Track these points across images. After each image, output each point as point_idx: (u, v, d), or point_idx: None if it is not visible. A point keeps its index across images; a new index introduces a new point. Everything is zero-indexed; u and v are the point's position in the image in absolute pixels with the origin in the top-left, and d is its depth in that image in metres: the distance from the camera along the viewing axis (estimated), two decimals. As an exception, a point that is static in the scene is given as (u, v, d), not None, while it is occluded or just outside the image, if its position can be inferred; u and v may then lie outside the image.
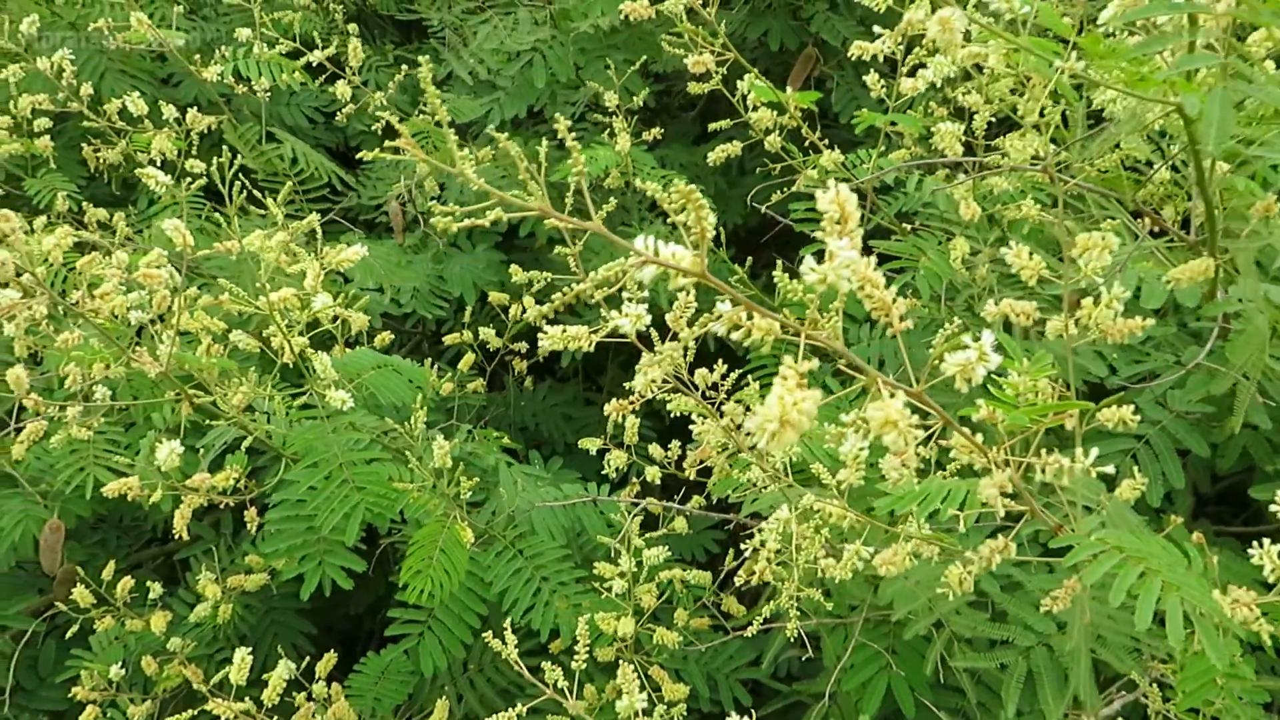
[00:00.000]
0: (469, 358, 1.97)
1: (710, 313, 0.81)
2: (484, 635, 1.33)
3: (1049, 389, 0.97)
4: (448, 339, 2.09)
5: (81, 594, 1.76)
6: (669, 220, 2.13)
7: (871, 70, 1.57)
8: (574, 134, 2.57)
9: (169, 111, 1.94)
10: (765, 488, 1.42)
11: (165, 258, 1.49)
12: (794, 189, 1.73)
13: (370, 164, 2.64)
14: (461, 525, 1.46)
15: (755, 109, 1.66)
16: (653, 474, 1.67)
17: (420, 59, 2.68)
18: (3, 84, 2.41)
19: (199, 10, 2.56)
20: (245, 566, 1.93)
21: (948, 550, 1.24)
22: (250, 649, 1.77)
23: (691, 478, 1.61)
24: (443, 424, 1.99)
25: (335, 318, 1.62)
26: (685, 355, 1.30)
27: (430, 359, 2.58)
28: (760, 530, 1.24)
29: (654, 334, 1.26)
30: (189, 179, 1.89)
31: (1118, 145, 1.42)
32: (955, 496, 0.98)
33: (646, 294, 1.24)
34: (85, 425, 1.60)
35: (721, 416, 1.33)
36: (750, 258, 2.17)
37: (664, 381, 1.38)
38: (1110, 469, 0.88)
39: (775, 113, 1.64)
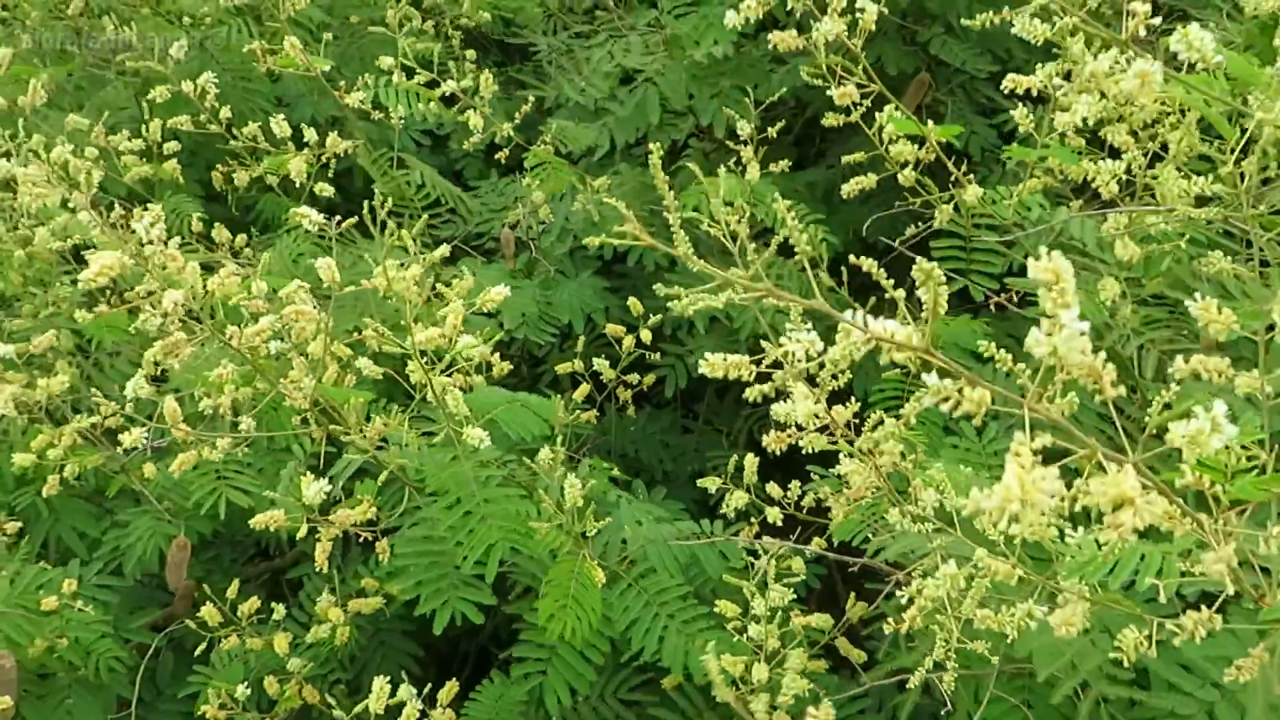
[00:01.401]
0: (584, 388, 1.98)
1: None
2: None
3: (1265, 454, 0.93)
4: (560, 368, 2.10)
5: (209, 612, 1.79)
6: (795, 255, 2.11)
7: (1020, 104, 1.54)
8: (679, 163, 2.53)
9: (309, 134, 1.98)
10: (905, 532, 1.39)
11: (305, 289, 1.52)
12: (935, 225, 1.70)
13: (476, 188, 2.67)
14: (592, 564, 1.46)
15: (895, 141, 1.63)
16: (774, 515, 1.65)
17: (535, 83, 2.68)
18: (131, 103, 2.49)
19: (317, 25, 2.62)
20: (357, 588, 1.95)
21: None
22: (362, 670, 1.79)
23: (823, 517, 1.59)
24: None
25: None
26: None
27: (528, 384, 2.60)
28: (916, 578, 1.22)
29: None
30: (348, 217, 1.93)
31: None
32: (1151, 563, 0.94)
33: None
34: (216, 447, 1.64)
35: (871, 456, 1.30)
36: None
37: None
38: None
39: (917, 145, 1.61)
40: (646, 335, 1.99)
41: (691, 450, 2.55)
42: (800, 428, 1.22)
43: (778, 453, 1.33)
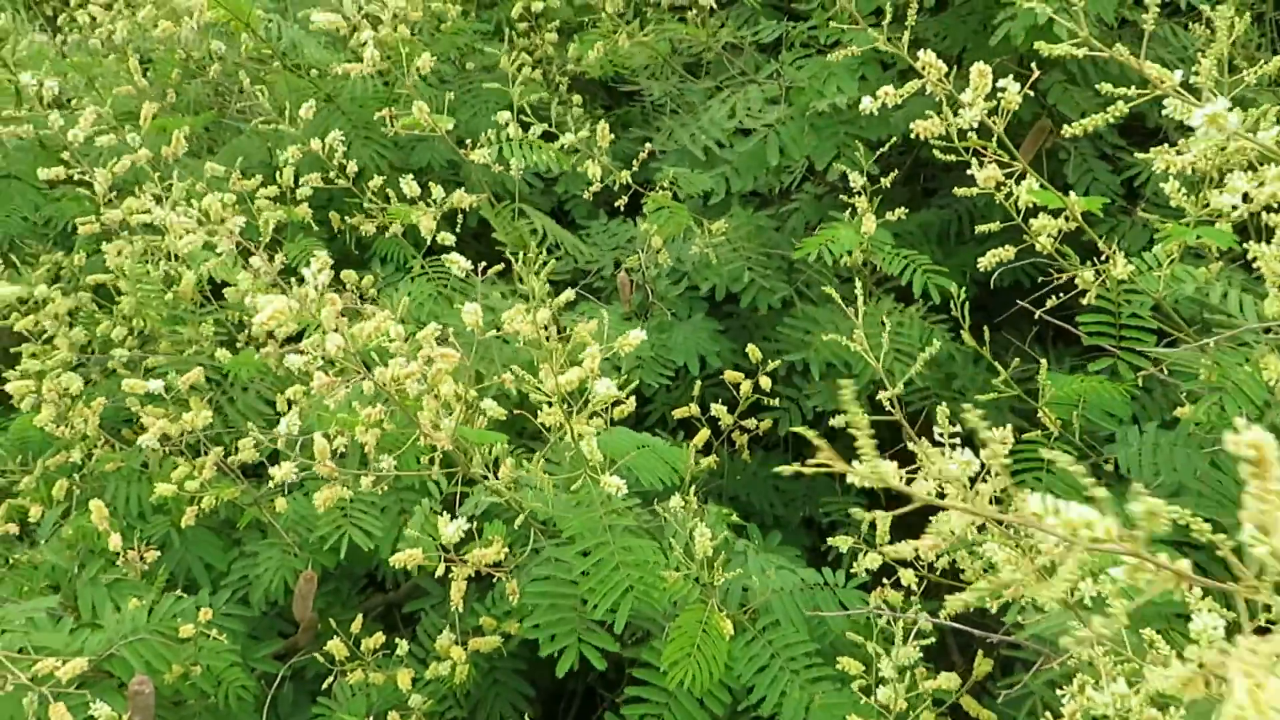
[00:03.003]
0: (703, 434, 1.98)
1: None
2: None
3: None
4: (677, 412, 2.11)
5: (336, 647, 1.84)
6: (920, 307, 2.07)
7: (1171, 179, 1.49)
8: (790, 205, 2.51)
9: (436, 191, 2.06)
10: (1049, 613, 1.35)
11: (439, 330, 1.56)
12: (1086, 300, 1.65)
13: (585, 228, 2.71)
14: (720, 615, 1.46)
15: (1034, 214, 1.58)
16: (908, 578, 1.61)
17: (642, 127, 2.71)
18: (263, 149, 2.61)
19: (433, 73, 2.70)
20: (474, 626, 1.98)
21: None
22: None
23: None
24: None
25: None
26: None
27: (632, 424, 2.60)
28: (1076, 673, 1.18)
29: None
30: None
31: None
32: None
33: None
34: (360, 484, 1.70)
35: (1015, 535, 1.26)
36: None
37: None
38: None
39: (1053, 218, 1.57)
40: (766, 382, 1.99)
41: (802, 495, 2.52)
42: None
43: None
